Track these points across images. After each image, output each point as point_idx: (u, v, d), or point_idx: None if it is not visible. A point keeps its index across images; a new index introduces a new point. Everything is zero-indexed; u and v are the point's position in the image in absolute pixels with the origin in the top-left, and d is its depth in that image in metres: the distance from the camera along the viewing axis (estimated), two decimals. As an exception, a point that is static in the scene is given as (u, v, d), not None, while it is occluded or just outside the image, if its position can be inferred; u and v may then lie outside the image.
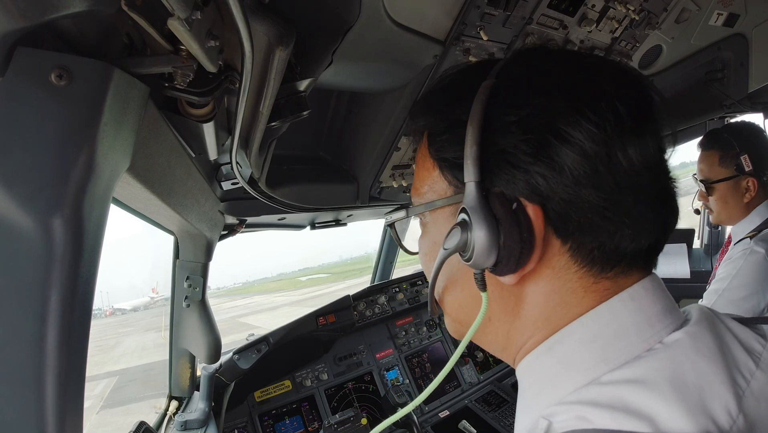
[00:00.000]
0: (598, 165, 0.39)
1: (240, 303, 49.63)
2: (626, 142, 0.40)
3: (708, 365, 0.39)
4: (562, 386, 0.43)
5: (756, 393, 0.40)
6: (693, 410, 0.37)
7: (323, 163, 1.48)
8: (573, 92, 0.41)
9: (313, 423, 1.91)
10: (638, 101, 0.42)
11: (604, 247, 0.41)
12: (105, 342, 30.74)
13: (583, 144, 0.39)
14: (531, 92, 0.43)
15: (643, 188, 0.41)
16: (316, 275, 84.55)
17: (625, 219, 0.40)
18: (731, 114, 2.31)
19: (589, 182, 0.39)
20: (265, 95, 0.69)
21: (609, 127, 0.39)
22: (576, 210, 0.40)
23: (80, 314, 0.51)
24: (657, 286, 0.45)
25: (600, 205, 0.40)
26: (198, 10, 0.44)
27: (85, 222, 0.49)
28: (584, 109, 0.39)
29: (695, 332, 0.42)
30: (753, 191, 1.59)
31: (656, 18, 1.36)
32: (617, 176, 0.39)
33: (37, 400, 0.48)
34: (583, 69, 0.44)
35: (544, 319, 0.45)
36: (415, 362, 2.28)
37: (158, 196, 0.78)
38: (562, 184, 0.40)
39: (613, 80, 0.42)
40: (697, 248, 2.91)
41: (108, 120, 0.50)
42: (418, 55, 1.05)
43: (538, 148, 0.40)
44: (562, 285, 0.43)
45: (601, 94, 0.41)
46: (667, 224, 0.43)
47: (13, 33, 0.43)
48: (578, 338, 0.43)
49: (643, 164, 0.40)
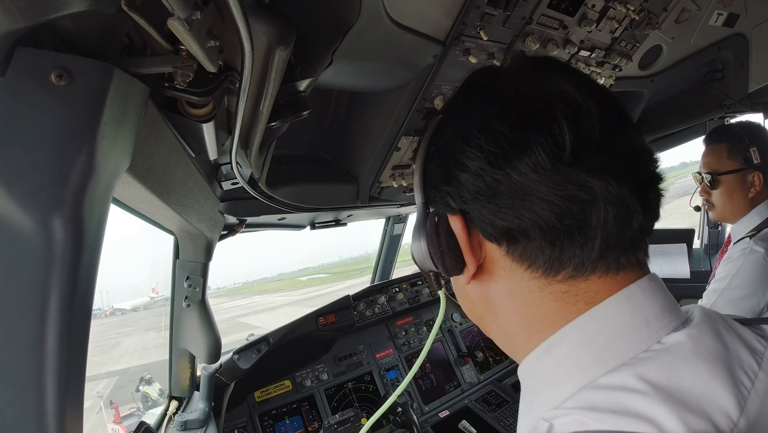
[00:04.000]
0: (488, 180, 0.44)
1: (240, 303, 49.62)
2: (508, 155, 0.43)
3: (708, 368, 0.40)
4: (560, 388, 0.44)
5: (760, 393, 0.41)
6: (690, 414, 0.37)
7: (323, 163, 1.48)
8: (466, 120, 0.48)
9: (313, 423, 1.91)
10: (521, 113, 0.44)
11: (531, 249, 0.45)
12: (105, 342, 30.72)
13: (469, 165, 0.45)
14: (447, 124, 0.51)
15: (542, 192, 0.43)
16: (316, 275, 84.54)
17: (533, 230, 0.44)
18: (731, 114, 2.31)
19: (485, 195, 0.45)
20: (265, 95, 0.69)
21: (486, 146, 0.44)
22: (488, 219, 0.46)
23: (80, 314, 0.51)
24: (655, 285, 0.45)
25: (501, 216, 0.45)
26: (198, 10, 0.44)
27: (85, 222, 0.49)
28: (468, 136, 0.46)
29: (696, 334, 0.42)
30: (758, 186, 1.59)
31: (656, 18, 1.36)
32: (511, 187, 0.43)
33: (38, 400, 0.48)
34: (484, 94, 0.49)
35: (518, 315, 0.48)
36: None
37: (158, 196, 0.78)
38: (465, 199, 0.47)
39: (503, 99, 0.47)
40: (697, 248, 2.91)
41: (108, 120, 0.49)
42: (418, 55, 1.05)
43: (445, 172, 0.48)
44: (517, 284, 0.47)
45: (481, 118, 0.46)
46: (604, 220, 0.43)
47: (13, 33, 0.43)
48: (575, 341, 0.44)
49: (533, 171, 0.42)
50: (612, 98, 0.47)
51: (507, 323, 0.50)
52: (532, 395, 0.48)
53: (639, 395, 0.38)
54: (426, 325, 2.43)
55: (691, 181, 1.83)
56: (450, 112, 0.53)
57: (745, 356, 0.43)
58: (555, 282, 0.45)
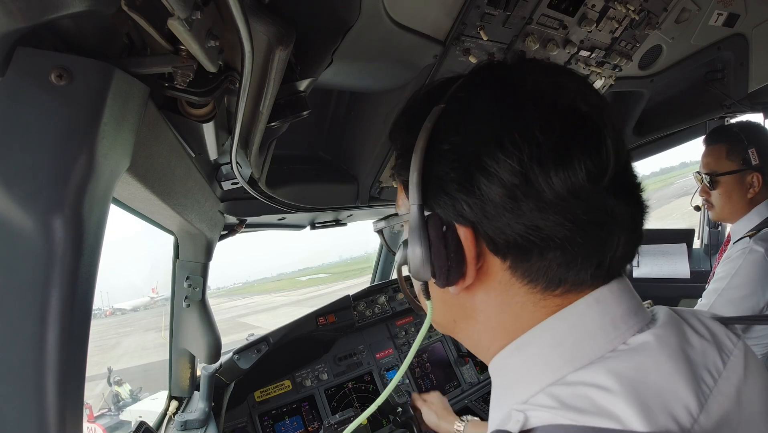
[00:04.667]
0: (518, 194, 0.41)
1: (240, 303, 49.61)
2: (548, 172, 0.40)
3: (671, 365, 0.41)
4: (530, 384, 0.45)
5: (723, 391, 0.42)
6: (652, 409, 0.38)
7: (323, 163, 1.48)
8: (497, 122, 0.43)
9: (313, 423, 1.91)
10: (566, 127, 0.42)
11: (539, 268, 0.44)
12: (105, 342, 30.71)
13: (500, 175, 0.41)
14: (464, 121, 0.45)
15: (572, 214, 0.41)
16: (316, 274, 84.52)
17: (551, 244, 0.42)
18: (731, 114, 2.31)
19: (509, 210, 0.42)
20: (265, 95, 0.69)
21: (527, 158, 0.40)
22: (503, 234, 0.43)
23: (80, 314, 0.51)
24: (623, 288, 0.46)
25: (522, 231, 0.42)
26: (198, 10, 0.44)
27: (85, 222, 0.49)
28: (503, 141, 0.41)
29: (661, 334, 0.43)
30: (757, 187, 1.59)
31: (656, 18, 1.36)
32: (539, 204, 0.41)
33: (38, 400, 0.48)
34: (515, 94, 0.45)
35: (502, 328, 0.48)
36: (415, 362, 2.28)
37: (158, 196, 0.78)
38: (485, 212, 0.43)
39: (542, 106, 0.43)
40: (697, 248, 2.91)
41: (108, 120, 0.49)
42: (418, 55, 1.05)
43: (464, 177, 0.43)
44: (510, 298, 0.46)
45: (522, 124, 0.41)
46: (616, 243, 0.43)
47: (13, 33, 0.43)
48: (546, 340, 0.45)
49: (569, 191, 0.41)
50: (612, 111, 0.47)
51: (485, 329, 0.49)
52: (502, 391, 0.49)
53: (605, 392, 0.39)
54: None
55: (691, 182, 1.83)
56: (463, 107, 0.46)
57: (711, 354, 0.44)
58: (551, 297, 0.45)
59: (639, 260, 2.87)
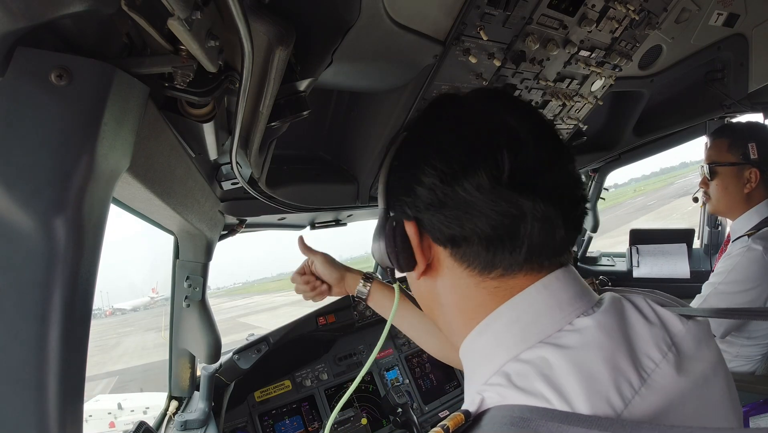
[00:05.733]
0: (440, 196, 0.53)
1: (240, 303, 49.62)
2: (460, 178, 0.51)
3: (610, 344, 0.47)
4: (490, 363, 0.52)
5: (670, 367, 0.47)
6: (595, 383, 0.43)
7: (323, 163, 1.48)
8: (427, 146, 0.56)
9: (313, 423, 1.91)
10: (473, 143, 0.53)
11: (470, 253, 0.53)
12: (105, 342, 30.70)
13: (427, 182, 0.54)
14: (411, 142, 0.60)
15: (483, 210, 0.51)
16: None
17: (473, 239, 0.52)
18: (731, 114, 2.31)
19: (437, 209, 0.53)
20: (265, 95, 0.69)
21: (444, 168, 0.52)
22: (437, 228, 0.54)
23: (80, 314, 0.51)
24: (568, 276, 0.54)
25: (449, 224, 0.53)
26: (198, 10, 0.44)
27: (85, 222, 0.49)
28: (429, 159, 0.54)
29: (601, 317, 0.50)
30: (754, 182, 1.64)
31: (656, 18, 1.36)
32: (458, 204, 0.52)
33: (38, 400, 0.48)
34: (448, 123, 0.57)
35: (458, 307, 0.57)
36: (415, 362, 2.28)
37: (158, 196, 0.78)
38: (419, 210, 0.55)
39: (459, 130, 0.55)
40: (697, 247, 2.91)
41: (108, 120, 0.49)
42: (418, 55, 1.05)
43: (405, 184, 0.56)
44: (458, 280, 0.56)
45: (443, 147, 0.54)
46: (531, 233, 0.51)
47: (13, 33, 0.43)
48: (502, 322, 0.53)
49: (479, 191, 0.51)
50: (551, 132, 0.56)
51: (449, 312, 0.59)
52: (470, 373, 0.56)
53: (550, 368, 0.45)
54: (426, 325, 2.43)
55: (691, 182, 1.87)
56: (413, 132, 0.61)
57: (658, 333, 0.50)
58: (488, 279, 0.54)
59: (639, 259, 2.88)
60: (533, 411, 0.42)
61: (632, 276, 2.88)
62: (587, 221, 3.15)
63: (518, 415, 0.42)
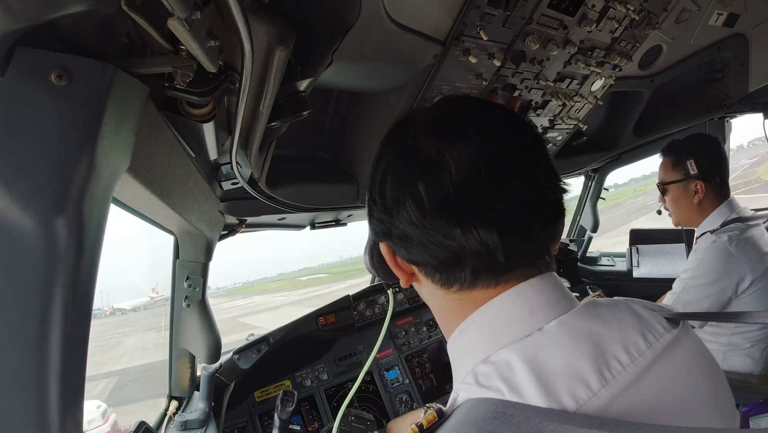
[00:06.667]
0: (387, 227, 0.56)
1: (240, 303, 49.61)
2: (394, 212, 0.53)
3: (572, 345, 0.48)
4: (466, 362, 0.54)
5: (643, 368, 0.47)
6: (550, 384, 0.44)
7: (323, 163, 1.48)
8: (384, 165, 0.56)
9: (313, 423, 1.91)
10: (399, 177, 0.54)
11: (428, 273, 0.57)
12: (105, 342, 30.70)
13: (375, 213, 0.57)
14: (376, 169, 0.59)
15: (421, 240, 0.53)
16: (316, 274, 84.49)
17: (421, 261, 0.56)
18: (731, 114, 2.31)
19: (387, 236, 0.57)
20: (265, 95, 0.69)
21: (384, 205, 0.55)
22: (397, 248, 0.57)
23: (80, 314, 0.51)
24: (544, 283, 0.54)
25: (399, 250, 0.57)
26: (198, 10, 0.44)
27: (86, 222, 0.49)
28: (373, 192, 0.57)
29: (565, 319, 0.51)
30: (701, 193, 1.77)
31: (656, 18, 1.36)
32: (398, 233, 0.54)
33: (38, 399, 0.48)
34: (380, 156, 0.58)
35: (438, 311, 0.62)
36: (415, 362, 2.28)
37: (158, 196, 0.78)
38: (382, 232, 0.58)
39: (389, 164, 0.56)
40: (697, 248, 2.91)
41: (108, 120, 0.49)
42: (418, 55, 1.05)
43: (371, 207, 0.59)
44: (430, 291, 0.59)
45: (380, 180, 0.56)
46: (470, 255, 0.52)
47: (13, 33, 0.43)
48: (477, 325, 0.55)
49: (411, 224, 0.52)
50: (507, 145, 0.53)
51: (436, 314, 0.63)
52: (454, 369, 0.59)
53: (510, 370, 0.47)
54: (426, 325, 2.43)
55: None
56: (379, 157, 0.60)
57: (631, 336, 0.50)
58: (451, 293, 0.56)
59: (639, 259, 2.88)
60: (515, 407, 0.43)
61: (632, 276, 2.88)
62: (587, 221, 3.15)
63: (501, 410, 0.43)
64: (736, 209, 1.77)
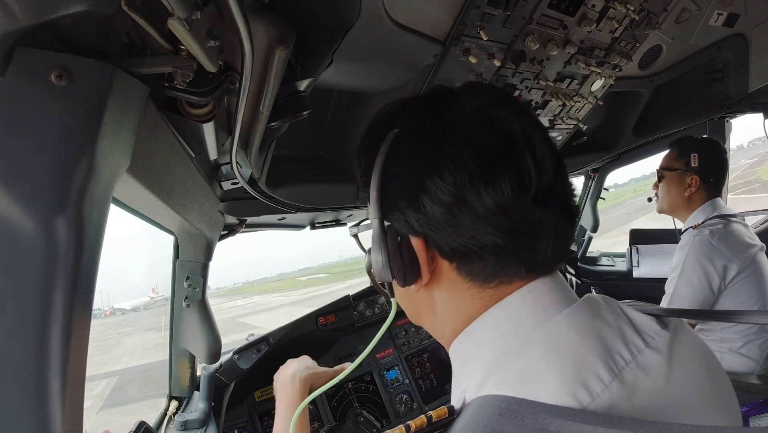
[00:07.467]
0: (455, 211, 0.49)
1: (240, 303, 49.62)
2: (478, 190, 0.48)
3: (578, 339, 0.47)
4: (475, 363, 0.52)
5: (644, 366, 0.47)
6: (566, 377, 0.44)
7: (323, 163, 1.48)
8: (435, 151, 0.50)
9: (312, 423, 1.91)
10: (493, 152, 0.49)
11: (478, 268, 0.52)
12: (105, 342, 30.71)
13: (440, 196, 0.49)
14: (411, 148, 0.53)
15: (501, 226, 0.48)
16: (316, 274, 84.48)
17: (486, 250, 0.50)
18: (731, 114, 2.31)
19: (450, 224, 0.49)
20: (265, 95, 0.69)
21: (460, 182, 0.48)
22: (447, 243, 0.51)
23: (80, 314, 0.51)
24: (554, 282, 0.53)
25: (461, 240, 0.50)
26: (198, 10, 0.44)
27: (86, 222, 0.49)
28: (440, 168, 0.49)
29: (569, 314, 0.50)
30: (693, 187, 1.85)
31: (656, 18, 1.36)
32: (474, 218, 0.48)
33: (38, 399, 0.48)
34: (451, 124, 0.52)
35: (450, 317, 0.56)
36: (415, 362, 2.28)
37: (158, 196, 0.78)
38: (430, 225, 0.50)
39: (473, 134, 0.50)
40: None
41: (108, 120, 0.49)
42: (418, 55, 1.05)
43: (411, 197, 0.51)
44: (456, 294, 0.54)
45: (455, 152, 0.49)
46: (545, 245, 0.51)
47: (13, 33, 0.43)
48: (488, 325, 0.53)
49: (498, 207, 0.48)
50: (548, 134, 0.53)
51: (442, 320, 0.58)
52: (458, 371, 0.56)
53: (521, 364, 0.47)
54: (426, 325, 2.44)
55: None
56: (409, 131, 0.54)
57: (629, 334, 0.50)
58: (487, 288, 0.53)
59: (639, 259, 2.88)
60: (520, 403, 0.42)
61: (632, 276, 2.88)
62: (587, 221, 3.15)
63: (506, 406, 0.42)
64: (719, 207, 1.85)
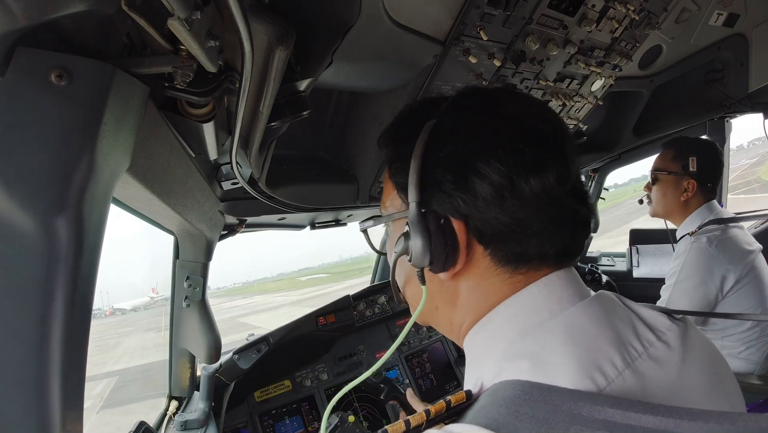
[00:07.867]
0: (504, 192, 0.51)
1: (240, 303, 49.62)
2: (527, 175, 0.50)
3: (594, 329, 0.49)
4: (492, 352, 0.53)
5: (655, 358, 0.49)
6: (582, 362, 0.45)
7: (323, 163, 1.48)
8: (487, 136, 0.53)
9: (312, 423, 1.91)
10: (540, 142, 0.52)
11: (515, 252, 0.53)
12: (105, 342, 30.71)
13: (491, 177, 0.51)
14: (457, 133, 0.55)
15: (545, 210, 0.52)
16: (316, 274, 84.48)
17: (528, 232, 0.52)
18: (731, 114, 2.31)
19: (497, 205, 0.51)
20: (265, 95, 0.69)
21: (512, 164, 0.50)
22: (490, 225, 0.52)
23: (80, 314, 0.51)
24: (569, 276, 0.55)
25: (506, 222, 0.52)
26: (198, 10, 0.44)
27: (86, 222, 0.49)
28: (495, 150, 0.51)
29: (583, 305, 0.52)
30: (690, 192, 1.78)
31: (656, 18, 1.36)
32: (520, 201, 0.51)
33: (38, 399, 0.48)
34: (496, 115, 0.55)
35: (473, 307, 0.57)
36: (415, 362, 2.28)
37: (158, 196, 0.78)
38: (477, 206, 0.52)
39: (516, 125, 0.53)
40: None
41: (108, 120, 0.50)
42: (418, 55, 1.05)
43: (459, 178, 0.52)
44: (484, 281, 0.56)
45: (507, 138, 0.52)
46: (574, 234, 0.55)
47: (13, 33, 0.43)
48: (504, 316, 0.54)
49: (543, 192, 0.51)
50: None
51: (461, 312, 0.59)
52: (473, 361, 0.58)
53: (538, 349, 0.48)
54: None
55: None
56: (455, 122, 0.56)
57: (641, 328, 0.52)
58: (518, 274, 0.54)
59: (639, 259, 2.88)
60: (539, 387, 0.43)
61: (632, 276, 2.88)
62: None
63: (524, 389, 0.43)
64: (714, 211, 1.78)
